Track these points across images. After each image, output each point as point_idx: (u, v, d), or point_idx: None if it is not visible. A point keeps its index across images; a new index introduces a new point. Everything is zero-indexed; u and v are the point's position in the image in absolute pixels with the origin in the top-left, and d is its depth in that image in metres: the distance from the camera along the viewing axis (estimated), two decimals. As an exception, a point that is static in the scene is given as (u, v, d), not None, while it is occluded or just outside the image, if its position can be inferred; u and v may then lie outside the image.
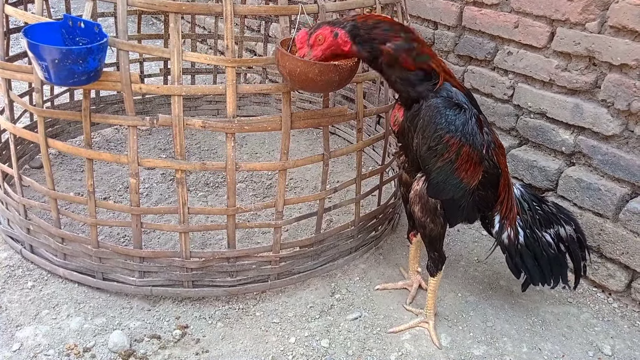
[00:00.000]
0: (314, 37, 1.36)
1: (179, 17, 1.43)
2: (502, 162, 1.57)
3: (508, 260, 1.71)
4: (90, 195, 1.60)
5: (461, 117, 1.39)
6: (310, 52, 1.37)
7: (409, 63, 1.38)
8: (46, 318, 1.62)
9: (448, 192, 1.48)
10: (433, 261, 1.65)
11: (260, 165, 1.73)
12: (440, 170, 1.44)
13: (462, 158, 1.41)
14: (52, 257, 1.76)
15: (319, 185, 2.57)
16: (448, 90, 1.43)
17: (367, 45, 1.37)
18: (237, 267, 1.74)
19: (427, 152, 1.42)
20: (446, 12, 2.46)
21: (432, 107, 1.39)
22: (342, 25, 1.36)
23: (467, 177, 1.45)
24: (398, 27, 1.39)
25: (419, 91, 1.43)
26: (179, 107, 1.49)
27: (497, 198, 1.60)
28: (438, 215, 1.54)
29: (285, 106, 1.57)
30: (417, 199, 1.54)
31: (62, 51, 1.31)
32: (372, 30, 1.36)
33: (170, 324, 1.66)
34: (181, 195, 1.59)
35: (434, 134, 1.39)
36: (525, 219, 1.68)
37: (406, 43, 1.37)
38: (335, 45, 1.36)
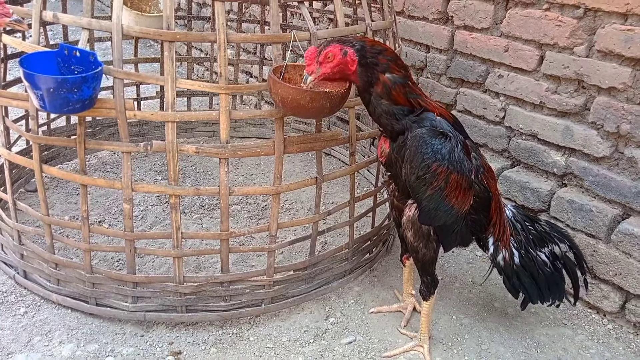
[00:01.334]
0: (323, 55, 1.38)
1: (174, 45, 1.46)
2: (492, 185, 1.59)
3: (505, 281, 1.71)
4: (84, 220, 1.61)
5: (447, 145, 1.42)
6: (319, 70, 1.39)
7: (400, 97, 1.41)
8: (38, 345, 1.60)
9: (440, 219, 1.49)
10: (426, 285, 1.65)
11: (254, 190, 1.75)
12: (430, 199, 1.45)
13: (450, 185, 1.43)
14: (45, 282, 1.76)
15: (314, 207, 2.60)
16: (432, 119, 1.46)
17: (369, 70, 1.39)
18: (231, 292, 1.74)
19: (416, 181, 1.44)
20: (437, 36, 2.50)
21: (418, 138, 1.41)
22: (351, 44, 1.39)
23: (458, 203, 1.47)
24: (400, 62, 1.43)
25: (402, 124, 1.46)
26: (173, 134, 1.50)
27: (489, 221, 1.61)
28: (431, 240, 1.55)
29: (279, 132, 1.59)
30: (410, 224, 1.55)
31: (57, 80, 1.33)
32: (377, 56, 1.39)
33: (164, 350, 1.65)
34: (174, 220, 1.60)
35: (421, 164, 1.41)
36: (519, 239, 1.69)
37: (403, 79, 1.41)
38: (343, 64, 1.39)
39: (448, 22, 2.46)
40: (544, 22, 2.05)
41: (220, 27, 1.47)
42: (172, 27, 1.45)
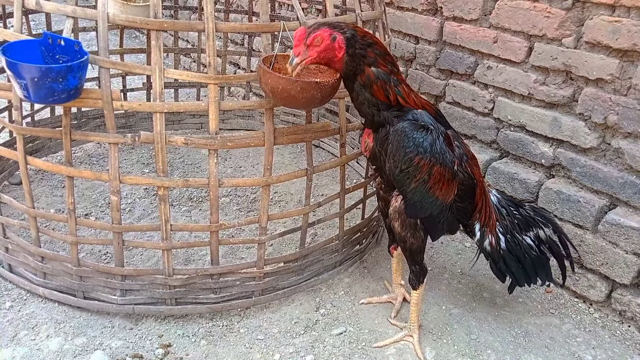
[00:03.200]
0: (312, 37, 1.35)
1: (161, 34, 1.44)
2: (476, 173, 1.60)
3: (492, 265, 1.73)
4: (70, 213, 1.58)
5: (428, 138, 1.42)
6: (306, 52, 1.36)
7: (379, 93, 1.42)
8: (25, 339, 1.58)
9: (426, 210, 1.50)
10: (415, 274, 1.66)
11: (244, 181, 1.73)
12: (415, 191, 1.46)
13: (434, 177, 1.44)
14: (31, 276, 1.73)
15: (303, 198, 2.59)
16: (413, 112, 1.46)
17: (355, 60, 1.38)
18: (220, 284, 1.73)
19: (399, 175, 1.45)
20: (427, 27, 2.50)
21: (400, 132, 1.42)
22: (342, 31, 1.37)
23: (442, 194, 1.48)
24: (389, 58, 1.42)
25: (384, 115, 1.46)
26: (161, 124, 1.48)
27: (475, 207, 1.62)
28: (418, 229, 1.56)
29: (268, 122, 1.57)
30: (397, 215, 1.56)
31: (41, 69, 1.30)
32: (366, 48, 1.38)
33: (153, 343, 1.63)
34: (163, 212, 1.58)
35: (404, 157, 1.41)
36: (505, 224, 1.70)
37: (386, 75, 1.40)
38: (330, 50, 1.36)
39: (437, 13, 2.46)
40: (532, 13, 2.05)
41: (209, 15, 1.44)
42: (160, 16, 1.43)
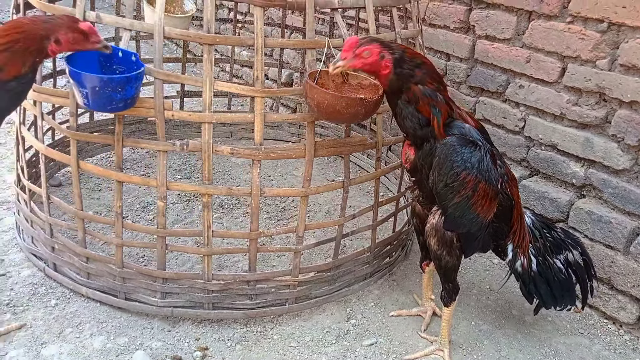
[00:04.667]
0: (362, 49, 1.40)
1: (213, 48, 1.50)
2: (515, 194, 1.62)
3: (522, 287, 1.75)
4: (117, 216, 1.65)
5: (477, 154, 1.44)
6: (351, 60, 1.40)
7: (424, 109, 1.44)
8: (70, 336, 1.64)
9: (465, 226, 1.53)
10: (447, 292, 1.68)
11: (284, 191, 1.79)
12: (457, 206, 1.48)
13: (478, 194, 1.46)
14: (75, 275, 1.80)
15: (332, 209, 2.63)
16: (461, 127, 1.48)
17: (402, 78, 1.42)
18: (256, 290, 1.77)
19: (443, 189, 1.47)
20: (459, 45, 2.54)
21: (448, 146, 1.44)
22: (391, 50, 1.41)
23: (483, 212, 1.50)
24: (436, 76, 1.45)
25: (427, 131, 1.48)
26: (209, 134, 1.54)
27: (510, 228, 1.65)
28: (454, 247, 1.59)
29: (310, 135, 1.63)
30: (434, 232, 1.58)
31: (102, 79, 1.37)
32: (415, 68, 1.42)
33: (191, 345, 1.68)
34: (206, 218, 1.64)
35: (450, 172, 1.44)
36: (538, 247, 1.72)
37: (433, 92, 1.43)
38: (376, 65, 1.41)
39: (469, 31, 2.50)
40: (567, 35, 2.09)
41: (259, 32, 1.51)
42: (212, 31, 1.49)
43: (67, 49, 1.36)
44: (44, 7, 1.61)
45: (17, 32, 1.34)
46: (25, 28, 1.35)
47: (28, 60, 1.34)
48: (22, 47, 1.32)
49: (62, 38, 1.33)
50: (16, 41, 1.32)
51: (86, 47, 1.38)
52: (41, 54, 1.35)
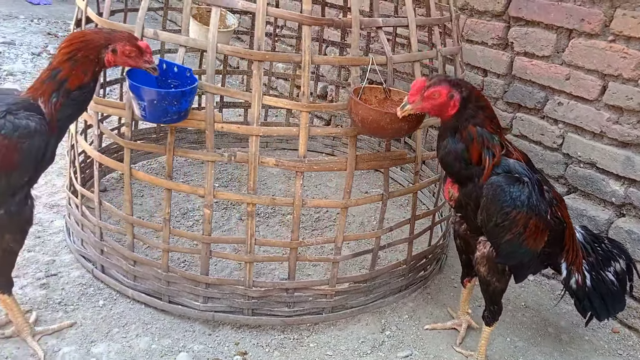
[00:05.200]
0: (430, 91, 1.41)
1: (262, 64, 1.57)
2: (565, 215, 1.62)
3: (576, 303, 1.74)
4: (165, 222, 1.72)
5: (525, 191, 1.44)
6: (419, 102, 1.42)
7: (476, 151, 1.44)
8: (117, 336, 1.72)
9: (517, 259, 1.54)
10: (491, 313, 1.69)
11: (325, 203, 1.84)
12: (508, 243, 1.49)
13: (529, 229, 1.47)
14: (122, 278, 1.88)
15: (365, 221, 2.67)
16: (505, 165, 1.47)
17: (463, 117, 1.43)
18: (294, 298, 1.82)
19: (494, 228, 1.47)
20: (496, 61, 2.56)
21: (495, 186, 1.43)
22: (460, 90, 1.41)
23: (536, 244, 1.51)
24: (496, 122, 1.47)
25: (471, 170, 1.47)
26: (256, 146, 1.61)
27: (563, 248, 1.65)
28: (505, 275, 1.60)
29: (352, 149, 1.67)
30: (484, 261, 1.59)
31: (160, 93, 1.45)
32: (478, 110, 1.43)
33: (230, 350, 1.73)
34: (250, 227, 1.70)
35: (499, 212, 1.43)
36: (590, 262, 1.72)
37: (489, 134, 1.44)
38: (445, 106, 1.42)
39: (507, 47, 2.52)
40: (608, 53, 2.08)
41: (306, 49, 1.57)
42: (262, 48, 1.56)
43: (121, 62, 1.44)
44: (103, 22, 1.71)
45: (79, 41, 1.43)
46: (87, 37, 1.44)
47: (89, 70, 1.43)
48: (83, 56, 1.41)
49: (119, 49, 1.42)
50: (78, 50, 1.41)
51: (138, 64, 1.46)
52: (99, 64, 1.44)
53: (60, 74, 1.40)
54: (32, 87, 1.43)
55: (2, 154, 1.34)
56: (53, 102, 1.41)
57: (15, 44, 4.74)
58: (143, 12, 1.59)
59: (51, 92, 1.41)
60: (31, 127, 1.37)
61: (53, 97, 1.41)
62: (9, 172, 1.37)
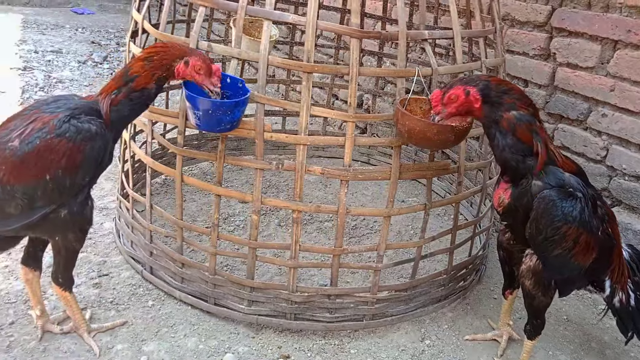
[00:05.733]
0: (447, 96, 1.46)
1: (311, 76, 1.62)
2: (615, 233, 1.60)
3: (619, 322, 1.72)
4: (214, 227, 1.79)
5: (577, 206, 1.42)
6: (444, 110, 1.48)
7: (525, 135, 1.44)
8: (166, 336, 1.78)
9: (564, 274, 1.54)
10: (534, 327, 1.68)
11: (369, 211, 1.87)
12: (557, 257, 1.49)
13: (579, 245, 1.46)
14: (170, 279, 1.95)
15: (402, 229, 2.68)
16: (559, 178, 1.46)
17: (493, 108, 1.45)
18: (336, 305, 1.85)
19: (543, 241, 1.47)
20: (538, 72, 2.55)
21: (547, 200, 1.42)
22: (474, 83, 1.46)
23: (584, 259, 1.50)
24: (527, 101, 1.48)
25: (528, 165, 1.46)
26: (303, 155, 1.66)
27: (609, 265, 1.63)
28: (550, 289, 1.59)
29: (396, 159, 1.70)
30: (530, 274, 1.58)
31: (215, 103, 1.52)
32: (502, 95, 1.45)
33: (274, 353, 1.78)
34: (295, 233, 1.74)
35: (550, 226, 1.43)
36: (636, 281, 1.69)
37: (529, 117, 1.45)
38: (467, 103, 1.46)
39: (549, 58, 2.50)
40: (656, 65, 2.05)
41: (354, 61, 1.61)
42: (312, 60, 1.61)
43: (189, 75, 1.51)
44: (159, 35, 1.80)
45: (161, 46, 1.54)
46: (169, 45, 1.55)
47: (157, 74, 1.50)
48: (158, 59, 1.49)
49: (192, 62, 1.49)
50: (156, 53, 1.50)
51: (203, 82, 1.53)
52: (168, 71, 1.51)
53: (132, 70, 1.49)
54: (105, 85, 1.52)
55: (67, 156, 1.42)
56: (112, 97, 1.48)
57: (63, 52, 4.97)
58: (198, 25, 1.67)
59: (115, 88, 1.49)
60: (92, 130, 1.45)
61: (114, 93, 1.49)
62: (73, 174, 1.45)
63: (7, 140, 1.41)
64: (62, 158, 1.42)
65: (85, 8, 7.28)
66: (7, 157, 1.40)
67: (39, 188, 1.42)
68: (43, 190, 1.42)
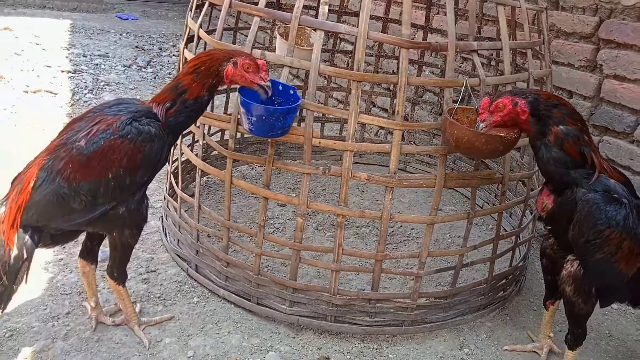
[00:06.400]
0: (494, 105, 1.50)
1: (360, 85, 1.66)
2: None
3: None
4: (260, 228, 1.84)
5: (622, 211, 1.43)
6: (490, 118, 1.51)
7: (572, 149, 1.46)
8: (211, 332, 1.85)
9: (605, 280, 1.53)
10: (575, 336, 1.67)
11: (412, 218, 1.89)
12: (598, 262, 1.49)
13: (622, 251, 1.46)
14: (215, 278, 2.02)
15: (440, 237, 2.69)
16: (605, 184, 1.47)
17: (541, 121, 1.48)
18: (376, 309, 1.88)
19: (585, 244, 1.48)
20: (583, 83, 2.52)
21: (591, 203, 1.44)
22: (523, 96, 1.49)
23: (627, 267, 1.49)
24: (577, 116, 1.50)
25: (572, 177, 1.49)
26: (350, 161, 1.70)
27: None
28: (591, 296, 1.58)
29: (441, 167, 1.72)
30: (571, 280, 1.58)
31: (269, 110, 1.58)
32: (552, 109, 1.47)
33: (314, 354, 1.82)
34: (338, 237, 1.78)
35: (592, 229, 1.44)
36: None
37: (577, 132, 1.47)
38: (514, 114, 1.49)
39: (596, 70, 2.48)
40: None
41: (403, 70, 1.65)
42: (362, 69, 1.66)
43: (239, 75, 1.57)
44: (215, 43, 1.88)
45: (205, 55, 1.60)
46: (212, 52, 1.61)
47: (208, 83, 1.58)
48: (205, 69, 1.56)
49: (239, 62, 1.56)
50: (202, 63, 1.57)
51: (254, 79, 1.59)
52: (218, 76, 1.58)
53: (182, 84, 1.56)
54: (158, 94, 1.60)
55: (128, 156, 1.51)
56: (167, 106, 1.56)
57: (109, 56, 5.17)
58: (253, 34, 1.74)
59: (169, 100, 1.56)
60: (152, 132, 1.53)
61: (168, 103, 1.56)
62: (133, 173, 1.53)
63: (74, 140, 1.50)
64: (123, 157, 1.50)
65: (129, 14, 7.55)
66: (74, 156, 1.49)
67: (102, 185, 1.50)
68: (105, 187, 1.51)
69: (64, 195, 1.46)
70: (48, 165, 1.48)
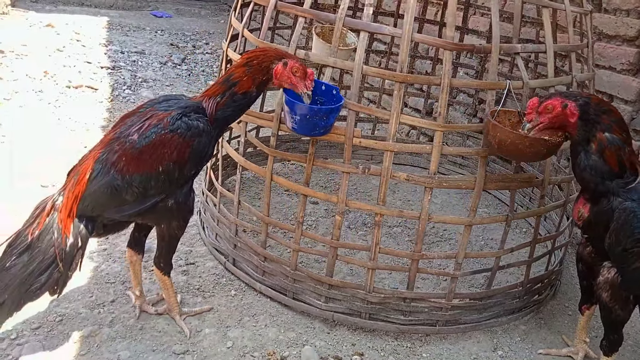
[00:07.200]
0: (543, 106, 1.49)
1: (403, 85, 1.68)
2: None
3: None
4: (298, 224, 1.88)
5: None
6: (537, 119, 1.50)
7: (612, 158, 1.45)
8: (248, 324, 1.90)
9: None
10: (611, 342, 1.66)
11: (450, 219, 1.91)
12: (635, 270, 1.47)
13: None
14: (252, 272, 2.07)
15: (473, 239, 2.68)
16: None
17: (588, 126, 1.47)
18: (411, 308, 1.90)
19: (621, 253, 1.47)
20: (624, 87, 2.48)
21: (628, 211, 1.43)
22: (574, 98, 1.48)
23: None
24: (624, 126, 1.49)
25: (608, 186, 1.47)
26: (390, 161, 1.72)
27: None
28: (628, 304, 1.57)
29: (481, 169, 1.73)
30: (608, 287, 1.57)
31: (313, 109, 1.61)
32: (601, 115, 1.46)
33: (348, 349, 1.85)
34: (376, 235, 1.81)
35: (630, 238, 1.43)
36: None
37: (622, 142, 1.45)
38: (562, 116, 1.48)
39: (638, 74, 2.43)
40: None
41: (446, 72, 1.66)
42: (405, 70, 1.67)
43: (286, 77, 1.61)
44: (259, 42, 1.92)
45: (260, 50, 1.65)
46: (266, 49, 1.66)
47: (257, 79, 1.62)
48: (257, 63, 1.60)
49: (290, 63, 1.60)
50: (256, 57, 1.61)
51: (298, 84, 1.62)
52: (268, 74, 1.62)
53: (234, 76, 1.61)
54: (209, 88, 1.65)
55: (177, 150, 1.56)
56: (217, 100, 1.61)
57: (145, 53, 5.30)
58: (297, 34, 1.77)
59: (219, 93, 1.61)
60: (200, 127, 1.58)
61: (218, 97, 1.61)
62: (182, 166, 1.59)
63: (128, 135, 1.57)
64: (173, 151, 1.56)
65: (164, 11, 7.71)
66: (127, 149, 1.55)
67: (153, 178, 1.56)
68: (156, 180, 1.57)
69: (117, 186, 1.53)
70: (103, 157, 1.54)
